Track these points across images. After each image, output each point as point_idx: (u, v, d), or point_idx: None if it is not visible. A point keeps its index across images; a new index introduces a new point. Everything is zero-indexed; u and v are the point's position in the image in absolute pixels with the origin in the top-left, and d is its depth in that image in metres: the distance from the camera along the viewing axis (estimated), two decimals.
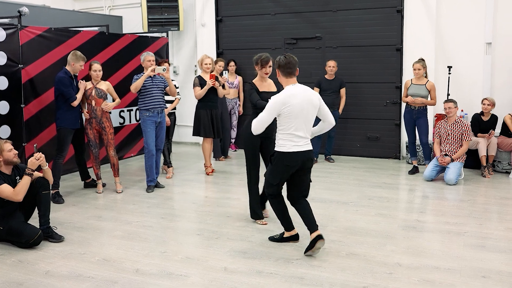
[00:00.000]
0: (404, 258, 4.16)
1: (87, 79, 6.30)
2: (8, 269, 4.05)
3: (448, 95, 7.64)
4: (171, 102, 7.34)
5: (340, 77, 8.18)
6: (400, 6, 8.15)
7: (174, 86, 6.64)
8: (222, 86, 7.25)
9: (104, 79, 6.52)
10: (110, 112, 6.41)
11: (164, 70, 6.24)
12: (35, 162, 4.51)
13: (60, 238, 4.65)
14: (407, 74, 8.00)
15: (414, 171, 7.31)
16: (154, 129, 6.37)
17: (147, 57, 6.32)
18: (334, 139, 8.27)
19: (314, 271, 3.89)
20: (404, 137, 8.15)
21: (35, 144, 4.70)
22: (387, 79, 8.38)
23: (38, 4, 8.73)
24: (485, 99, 7.26)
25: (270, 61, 4.94)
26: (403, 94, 7.32)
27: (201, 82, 7.07)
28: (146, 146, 6.36)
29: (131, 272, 3.95)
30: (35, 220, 4.70)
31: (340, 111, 8.12)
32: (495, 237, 4.64)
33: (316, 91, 7.68)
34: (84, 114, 6.23)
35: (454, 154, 6.79)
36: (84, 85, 6.12)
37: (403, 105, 7.65)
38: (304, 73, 8.29)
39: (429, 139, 7.31)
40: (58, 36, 6.65)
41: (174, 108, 7.53)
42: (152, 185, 6.48)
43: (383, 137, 8.52)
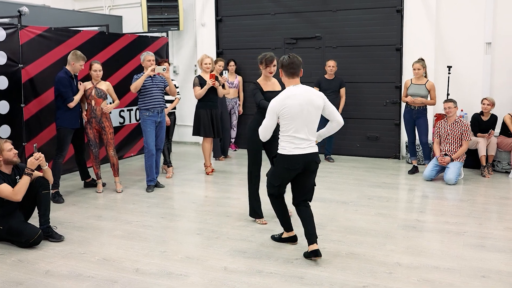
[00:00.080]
0: (404, 257, 4.17)
1: (87, 79, 6.31)
2: (8, 268, 4.05)
3: (448, 95, 7.65)
4: (171, 101, 7.34)
5: (340, 77, 8.19)
6: (400, 6, 8.15)
7: (174, 86, 6.64)
8: (222, 86, 7.25)
9: (104, 79, 6.52)
10: (110, 112, 6.41)
11: (164, 69, 6.24)
12: (34, 162, 4.51)
13: (60, 238, 4.65)
14: (407, 74, 8.00)
15: (414, 170, 7.31)
16: (154, 128, 6.38)
17: (147, 56, 6.32)
18: (334, 139, 8.27)
19: (314, 271, 3.90)
20: (404, 137, 8.16)
21: (34, 144, 4.70)
22: (387, 79, 8.38)
23: (38, 4, 8.73)
24: (484, 99, 7.26)
25: (274, 60, 4.94)
26: (402, 94, 7.32)
27: (201, 82, 7.07)
28: (146, 146, 6.36)
29: (131, 272, 3.95)
30: (35, 220, 4.70)
31: (339, 111, 8.12)
32: (494, 236, 4.65)
33: None
34: (83, 116, 6.23)
35: (454, 154, 6.79)
36: (84, 87, 6.12)
37: (403, 105, 7.65)
38: (304, 72, 8.22)
39: (428, 139, 7.31)
40: (58, 36, 6.65)
41: (174, 108, 7.54)
42: (152, 184, 6.48)
43: (383, 137, 8.52)
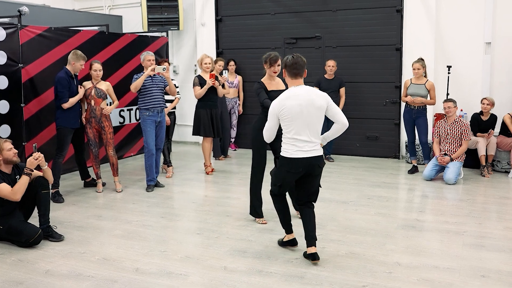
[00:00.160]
0: (404, 257, 4.17)
1: (87, 79, 6.31)
2: (8, 268, 4.05)
3: (448, 94, 7.65)
4: (171, 101, 7.35)
5: (339, 76, 8.19)
6: (399, 6, 8.15)
7: (174, 86, 6.65)
8: (222, 86, 7.25)
9: (104, 79, 6.52)
10: (110, 112, 6.41)
11: (164, 69, 6.25)
12: (33, 162, 4.51)
13: (60, 237, 4.65)
14: (407, 74, 8.00)
15: (414, 170, 7.31)
16: (154, 128, 6.38)
17: (147, 56, 6.32)
18: (334, 138, 8.25)
19: (314, 270, 3.90)
20: (404, 136, 8.16)
21: (34, 144, 4.69)
22: (387, 79, 8.38)
23: (38, 4, 8.73)
24: (484, 98, 7.27)
25: (279, 60, 4.94)
26: (402, 94, 7.32)
27: (201, 82, 7.08)
28: (146, 146, 6.37)
29: (131, 271, 3.96)
30: (35, 219, 4.70)
31: None
32: (494, 236, 4.65)
33: None
34: (82, 119, 6.23)
35: (454, 153, 6.79)
36: (84, 90, 6.11)
37: (403, 104, 7.66)
38: None
39: (428, 138, 7.31)
40: (58, 35, 6.65)
41: (174, 108, 7.55)
42: (152, 184, 6.48)
43: (383, 136, 8.53)
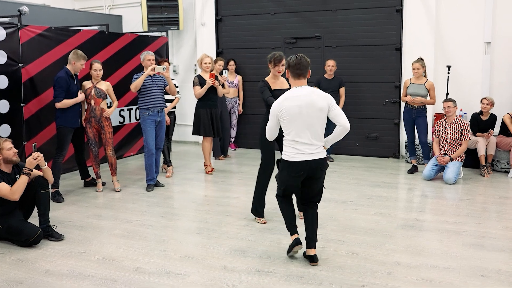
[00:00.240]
0: (403, 257, 4.17)
1: (87, 78, 6.32)
2: (8, 267, 4.06)
3: (447, 94, 7.65)
4: (171, 101, 7.36)
5: (339, 76, 8.19)
6: (399, 6, 8.15)
7: (174, 85, 6.65)
8: (222, 85, 7.26)
9: (104, 78, 6.52)
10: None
11: (164, 69, 6.25)
12: (32, 162, 4.50)
13: (60, 237, 4.65)
14: (406, 74, 8.01)
15: (413, 170, 7.32)
16: (154, 128, 6.38)
17: (147, 56, 6.33)
18: None
19: (313, 270, 3.90)
20: (403, 136, 8.16)
21: (33, 144, 4.69)
22: (387, 79, 8.39)
23: (38, 3, 8.74)
24: (484, 98, 7.27)
25: (283, 59, 4.96)
26: (402, 94, 7.32)
27: (200, 81, 7.08)
28: (146, 145, 6.37)
29: (130, 271, 3.96)
30: (35, 219, 4.70)
31: None
32: (494, 236, 4.66)
33: None
34: (82, 121, 6.24)
35: (453, 153, 6.80)
36: (83, 97, 6.05)
37: (402, 104, 7.66)
38: None
39: (428, 138, 7.32)
40: (58, 35, 6.65)
41: (174, 107, 7.55)
42: (152, 184, 6.49)
43: (382, 136, 8.53)
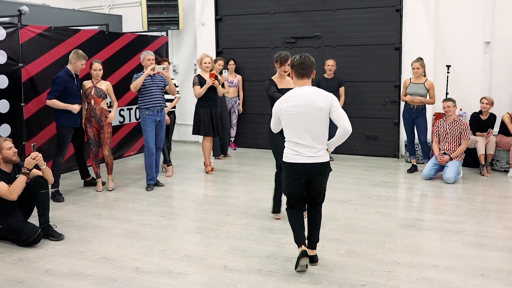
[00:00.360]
0: (403, 256, 4.18)
1: (88, 78, 6.32)
2: (8, 267, 4.06)
3: (447, 94, 7.66)
4: (171, 100, 7.36)
5: (339, 76, 8.20)
6: (399, 5, 8.16)
7: (174, 85, 6.65)
8: (222, 85, 7.26)
9: (104, 78, 6.52)
10: (109, 111, 6.42)
11: (163, 69, 6.25)
12: (31, 161, 4.50)
13: (60, 237, 4.66)
14: (406, 73, 8.01)
15: (413, 169, 7.32)
16: (154, 127, 6.39)
17: (146, 56, 6.33)
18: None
19: (313, 269, 3.90)
20: (403, 135, 8.17)
21: (32, 143, 4.69)
22: (386, 78, 8.39)
23: (38, 3, 8.73)
24: (483, 98, 7.28)
25: (289, 59, 4.97)
26: (402, 93, 7.33)
27: (200, 81, 7.08)
28: (146, 145, 6.37)
29: (130, 270, 3.97)
30: (35, 219, 4.70)
31: None
32: (493, 235, 4.66)
33: None
34: (82, 123, 6.25)
35: (453, 152, 6.81)
36: (78, 109, 5.98)
37: (402, 104, 7.67)
38: None
39: (427, 137, 7.32)
40: (58, 35, 6.65)
41: (174, 107, 7.56)
42: (152, 183, 6.49)
43: (382, 135, 8.54)
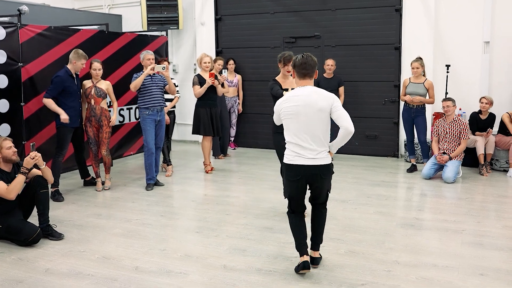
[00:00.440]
0: (403, 255, 4.19)
1: (88, 77, 6.33)
2: (8, 267, 4.07)
3: (447, 93, 7.66)
4: (171, 100, 7.36)
5: (338, 75, 8.20)
6: (398, 5, 8.16)
7: (174, 85, 6.65)
8: (222, 85, 7.27)
9: (103, 78, 6.52)
10: (109, 111, 6.42)
11: (163, 68, 6.26)
12: (30, 161, 4.50)
13: (59, 236, 4.66)
14: (406, 73, 8.01)
15: (412, 169, 7.33)
16: (154, 127, 6.39)
17: (146, 55, 6.33)
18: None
19: (313, 269, 3.91)
20: (403, 135, 8.17)
21: (32, 143, 4.68)
22: (386, 78, 8.40)
23: (38, 3, 8.73)
24: (483, 97, 7.28)
25: (292, 59, 4.98)
26: (401, 93, 7.33)
27: (200, 81, 7.09)
28: (146, 144, 6.38)
29: (130, 270, 3.97)
30: (35, 218, 4.71)
31: None
32: (493, 235, 4.67)
33: None
34: (83, 125, 6.25)
35: (452, 152, 6.81)
36: (65, 120, 5.88)
37: (402, 103, 7.67)
38: None
39: (427, 137, 7.33)
40: (58, 34, 6.65)
41: (174, 107, 7.56)
42: (152, 183, 6.49)
43: (382, 135, 8.54)
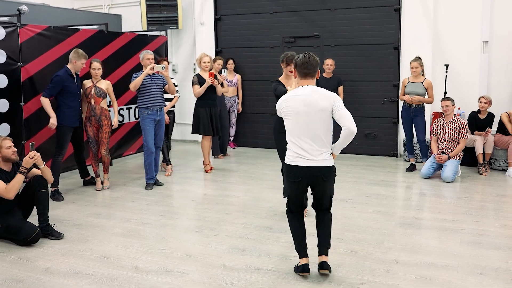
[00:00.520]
0: (402, 255, 4.20)
1: (88, 77, 6.33)
2: (8, 266, 4.07)
3: (445, 93, 7.68)
4: (170, 100, 7.37)
5: (337, 75, 8.21)
6: (397, 5, 8.17)
7: (173, 84, 6.66)
8: (221, 84, 7.27)
9: (103, 77, 6.53)
10: (109, 111, 6.43)
11: (163, 68, 6.26)
12: (29, 161, 4.51)
13: (59, 236, 4.67)
14: (405, 72, 8.02)
15: (411, 168, 7.34)
16: (153, 127, 6.40)
17: (146, 55, 6.34)
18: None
19: (312, 268, 3.91)
20: (402, 135, 8.18)
21: (31, 143, 4.69)
22: (385, 77, 8.41)
23: (37, 3, 8.73)
24: (481, 97, 7.30)
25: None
26: (400, 92, 7.35)
27: (199, 80, 7.10)
28: (145, 144, 6.38)
29: (130, 269, 3.98)
30: (35, 218, 4.72)
31: None
32: (491, 234, 4.68)
33: None
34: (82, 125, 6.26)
35: (451, 151, 6.82)
36: (55, 124, 5.87)
37: (401, 103, 7.67)
38: None
39: (426, 137, 7.34)
40: (58, 34, 6.65)
41: (173, 106, 7.57)
42: (151, 182, 6.50)
43: (381, 135, 8.55)
